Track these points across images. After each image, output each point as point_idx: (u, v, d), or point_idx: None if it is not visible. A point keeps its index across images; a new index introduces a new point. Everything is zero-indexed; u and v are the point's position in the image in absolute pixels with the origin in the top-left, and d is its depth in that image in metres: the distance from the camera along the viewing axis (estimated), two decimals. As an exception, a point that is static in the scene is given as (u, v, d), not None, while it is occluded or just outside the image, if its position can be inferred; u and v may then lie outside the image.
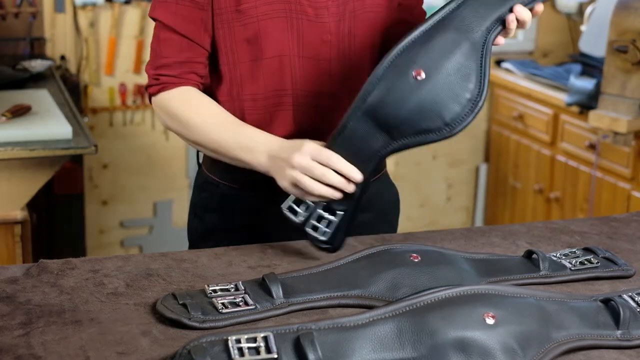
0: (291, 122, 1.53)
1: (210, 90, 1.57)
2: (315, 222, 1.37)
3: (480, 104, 1.32)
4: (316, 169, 1.35)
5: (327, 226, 1.37)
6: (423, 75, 1.32)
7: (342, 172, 1.35)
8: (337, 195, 1.36)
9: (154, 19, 1.52)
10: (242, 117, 1.53)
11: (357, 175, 1.35)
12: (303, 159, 1.35)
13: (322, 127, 1.53)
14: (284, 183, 1.38)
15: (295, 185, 1.36)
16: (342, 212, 1.37)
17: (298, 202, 1.38)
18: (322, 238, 1.37)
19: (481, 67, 1.32)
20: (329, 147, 1.36)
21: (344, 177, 1.35)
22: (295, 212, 1.38)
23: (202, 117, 1.48)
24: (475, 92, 1.32)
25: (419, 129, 1.32)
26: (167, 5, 1.48)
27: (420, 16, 1.65)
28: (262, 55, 1.50)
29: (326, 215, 1.37)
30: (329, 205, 1.37)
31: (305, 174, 1.35)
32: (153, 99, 1.52)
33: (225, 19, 1.49)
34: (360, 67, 1.56)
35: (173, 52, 1.49)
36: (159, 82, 1.50)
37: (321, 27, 1.50)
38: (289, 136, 1.52)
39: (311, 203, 1.38)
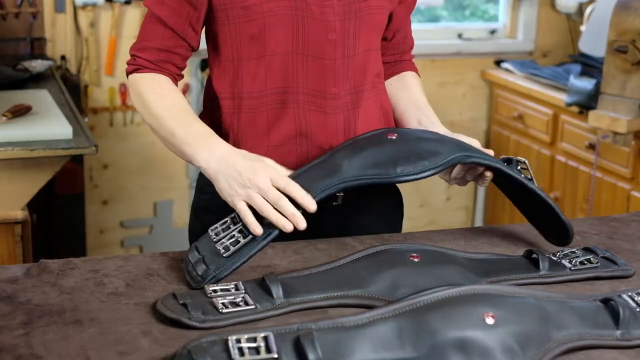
0: (292, 120, 1.53)
1: (212, 86, 1.58)
2: (225, 240, 1.32)
3: (428, 175, 1.39)
4: (271, 193, 1.33)
5: (232, 244, 1.31)
6: (394, 136, 1.44)
7: (298, 200, 1.32)
8: (288, 226, 1.31)
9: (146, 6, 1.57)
10: (243, 114, 1.54)
11: (312, 205, 1.33)
12: (262, 180, 1.34)
13: (323, 127, 1.53)
14: (236, 199, 1.35)
15: (249, 202, 1.34)
16: (251, 236, 1.31)
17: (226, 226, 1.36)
18: (224, 253, 1.30)
19: (443, 162, 1.40)
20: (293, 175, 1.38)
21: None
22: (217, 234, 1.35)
23: (164, 103, 1.51)
24: (431, 165, 1.39)
25: (371, 171, 1.38)
26: None
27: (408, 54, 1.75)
28: (266, 52, 1.51)
29: (237, 233, 1.33)
30: (245, 227, 1.32)
31: (260, 194, 1.33)
32: (129, 76, 1.57)
33: (231, 15, 1.50)
34: (363, 68, 1.57)
35: (155, 38, 1.54)
36: (135, 63, 1.55)
37: (326, 25, 1.51)
38: (289, 135, 1.53)
39: (234, 228, 1.34)
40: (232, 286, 1.23)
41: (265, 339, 1.01)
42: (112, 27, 3.39)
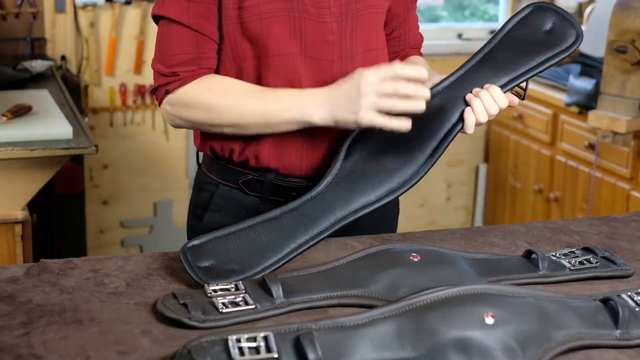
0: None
1: None
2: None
3: (421, 175, 1.46)
4: (387, 86, 1.36)
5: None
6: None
7: (410, 77, 1.37)
8: (420, 105, 1.36)
9: (161, 17, 1.50)
10: None
11: (423, 73, 1.38)
12: (371, 83, 1.37)
13: (324, 127, 1.53)
14: (363, 114, 1.38)
15: (378, 110, 1.37)
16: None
17: None
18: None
19: (433, 152, 1.46)
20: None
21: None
22: None
23: (232, 93, 1.48)
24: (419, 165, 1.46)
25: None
26: (180, 3, 1.48)
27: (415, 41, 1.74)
28: (264, 54, 1.50)
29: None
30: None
31: (381, 94, 1.37)
32: (168, 97, 1.50)
33: (228, 15, 1.49)
34: (362, 67, 1.56)
35: (187, 48, 1.49)
36: (178, 78, 1.48)
37: (323, 26, 1.51)
38: (290, 134, 1.52)
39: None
40: (232, 286, 1.23)
41: (265, 338, 1.01)
42: (112, 27, 3.39)
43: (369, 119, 1.38)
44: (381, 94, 1.37)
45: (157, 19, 1.52)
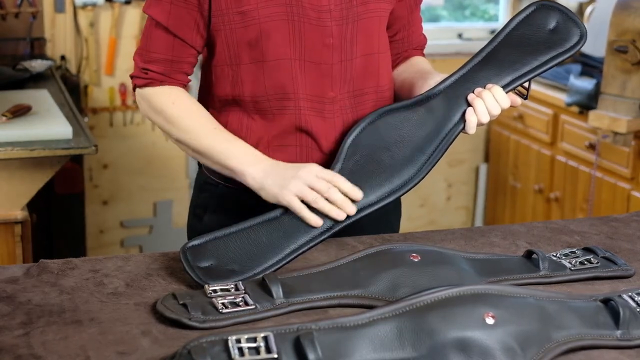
0: (293, 125, 1.53)
1: (211, 89, 1.57)
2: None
3: (421, 177, 1.45)
4: (320, 184, 1.39)
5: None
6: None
7: (344, 191, 1.40)
8: (339, 214, 1.39)
9: (147, 13, 1.54)
10: (243, 118, 1.53)
11: (358, 193, 1.41)
12: (309, 174, 1.40)
13: (322, 130, 1.53)
14: (287, 192, 1.40)
15: (301, 198, 1.39)
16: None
17: None
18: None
19: (434, 152, 1.46)
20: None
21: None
22: None
23: (193, 118, 1.52)
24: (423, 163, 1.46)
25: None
26: (162, 4, 1.49)
27: (418, 43, 1.73)
28: (264, 58, 1.50)
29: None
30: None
31: (310, 187, 1.39)
32: (138, 89, 1.56)
33: (227, 20, 1.49)
34: (364, 71, 1.56)
35: (163, 49, 1.51)
36: (146, 77, 1.53)
37: (323, 30, 1.50)
38: (289, 139, 1.53)
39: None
40: (232, 286, 1.23)
41: (265, 339, 1.01)
42: (112, 27, 3.38)
43: (289, 199, 1.40)
44: (311, 186, 1.39)
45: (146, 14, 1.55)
